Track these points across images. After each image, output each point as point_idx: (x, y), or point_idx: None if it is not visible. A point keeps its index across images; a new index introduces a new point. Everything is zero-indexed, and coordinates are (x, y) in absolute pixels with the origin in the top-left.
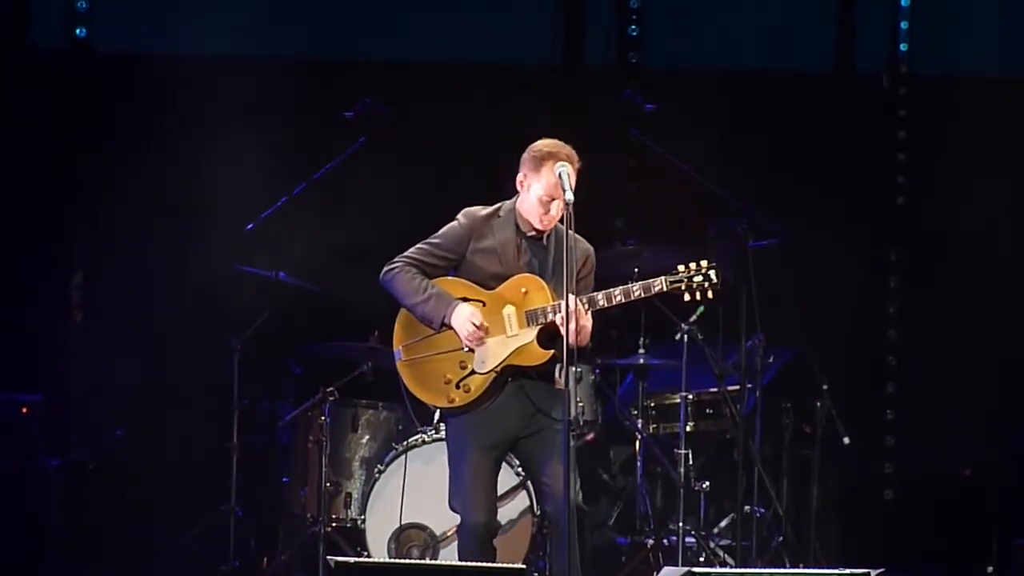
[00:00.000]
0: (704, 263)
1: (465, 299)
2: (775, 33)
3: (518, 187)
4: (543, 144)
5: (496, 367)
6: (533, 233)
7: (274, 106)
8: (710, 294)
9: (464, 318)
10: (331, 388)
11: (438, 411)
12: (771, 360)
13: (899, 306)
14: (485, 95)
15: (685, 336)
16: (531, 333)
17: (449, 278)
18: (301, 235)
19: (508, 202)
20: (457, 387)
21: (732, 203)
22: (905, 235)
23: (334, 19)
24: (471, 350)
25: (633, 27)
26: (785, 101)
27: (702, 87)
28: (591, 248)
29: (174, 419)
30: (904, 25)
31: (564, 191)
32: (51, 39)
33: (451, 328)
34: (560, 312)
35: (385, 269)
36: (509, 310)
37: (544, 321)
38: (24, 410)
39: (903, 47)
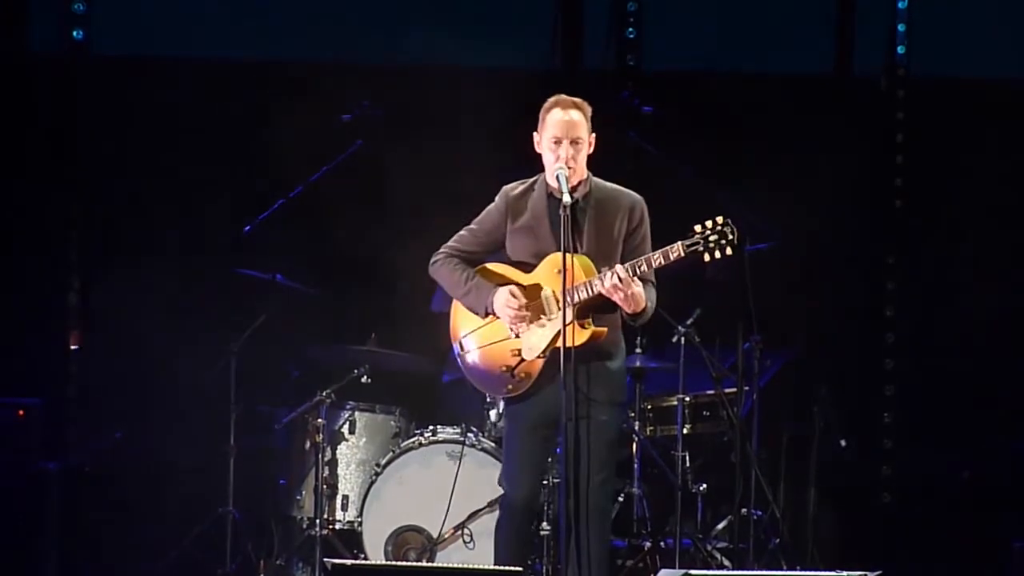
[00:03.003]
0: (720, 219)
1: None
2: (773, 35)
3: (537, 149)
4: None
5: (543, 352)
6: (566, 197)
7: (274, 109)
8: (729, 250)
9: (502, 303)
10: (328, 391)
11: (435, 416)
12: (768, 363)
13: (896, 309)
14: (484, 98)
15: (682, 339)
16: (569, 313)
17: (491, 264)
18: (300, 237)
19: (541, 174)
20: (513, 375)
21: (729, 206)
22: (903, 238)
23: (333, 21)
24: (519, 336)
25: (630, 29)
26: (783, 103)
27: (700, 89)
28: (637, 199)
29: (172, 422)
30: (902, 28)
31: (563, 193)
32: (48, 42)
33: (496, 316)
34: (593, 288)
35: (431, 261)
36: (547, 292)
37: (579, 300)
38: (21, 413)
39: (901, 50)
